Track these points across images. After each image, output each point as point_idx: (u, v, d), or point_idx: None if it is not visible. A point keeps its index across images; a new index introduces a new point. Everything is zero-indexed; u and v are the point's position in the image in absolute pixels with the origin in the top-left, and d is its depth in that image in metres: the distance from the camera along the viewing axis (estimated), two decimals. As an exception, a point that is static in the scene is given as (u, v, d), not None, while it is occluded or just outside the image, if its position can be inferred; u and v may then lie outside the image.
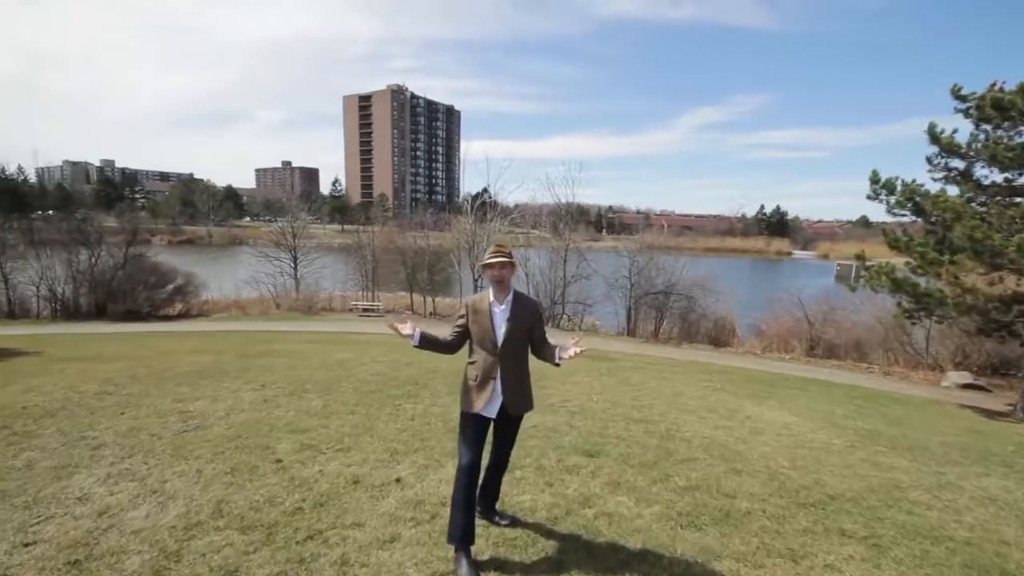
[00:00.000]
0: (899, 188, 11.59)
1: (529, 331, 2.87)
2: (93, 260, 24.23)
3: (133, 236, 27.09)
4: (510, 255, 2.91)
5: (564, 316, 23.30)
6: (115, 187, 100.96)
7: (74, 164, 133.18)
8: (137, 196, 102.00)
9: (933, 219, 11.51)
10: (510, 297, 2.89)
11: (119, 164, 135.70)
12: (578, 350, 2.71)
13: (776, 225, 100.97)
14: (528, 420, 5.60)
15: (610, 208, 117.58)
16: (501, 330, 2.80)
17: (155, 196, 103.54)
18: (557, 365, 2.82)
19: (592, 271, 23.26)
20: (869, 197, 12.10)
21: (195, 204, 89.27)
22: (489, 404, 2.80)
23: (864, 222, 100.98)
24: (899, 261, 12.48)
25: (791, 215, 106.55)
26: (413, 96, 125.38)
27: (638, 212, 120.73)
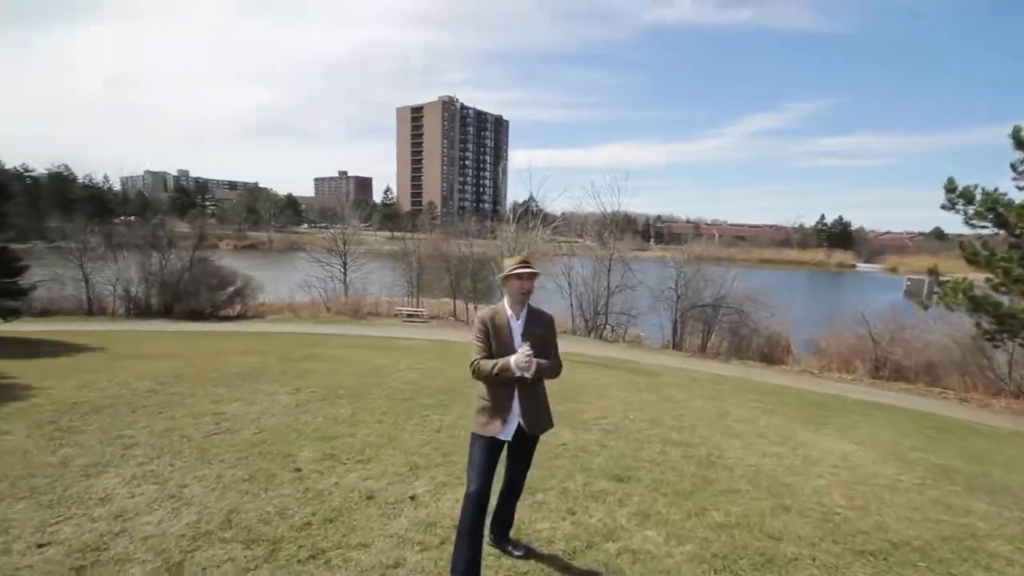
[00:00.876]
0: (979, 197, 10.56)
1: (546, 346, 2.67)
2: (164, 262, 25.92)
3: (200, 240, 28.81)
4: (533, 267, 2.75)
5: (607, 327, 22.74)
6: (188, 195, 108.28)
7: (154, 174, 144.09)
8: (207, 203, 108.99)
9: (1018, 231, 10.40)
10: (525, 311, 2.70)
11: (193, 174, 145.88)
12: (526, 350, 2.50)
13: (838, 236, 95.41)
14: (557, 437, 5.38)
15: (659, 217, 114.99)
16: (519, 344, 2.62)
17: (223, 204, 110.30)
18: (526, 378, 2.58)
19: (637, 281, 22.61)
20: (944, 207, 11.10)
21: (258, 211, 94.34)
22: (507, 426, 2.62)
23: (938, 234, 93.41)
24: (978, 277, 11.34)
25: (855, 225, 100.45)
26: (463, 107, 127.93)
27: (688, 221, 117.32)
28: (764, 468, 5.06)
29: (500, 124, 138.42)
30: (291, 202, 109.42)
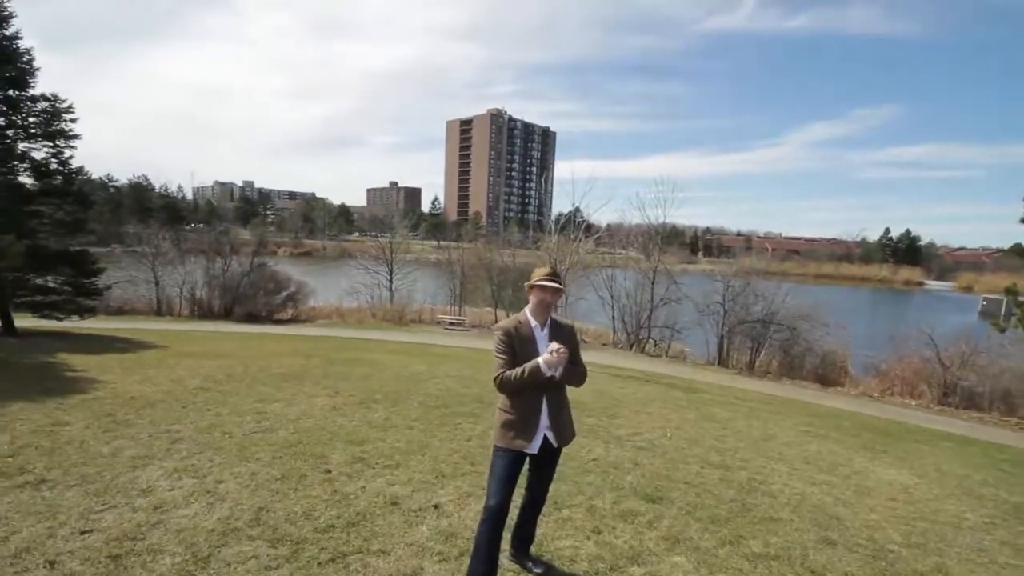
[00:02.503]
0: (1068, 210, 9.63)
1: (571, 356, 2.62)
2: (226, 267, 27.52)
3: (259, 247, 30.40)
4: (560, 280, 2.71)
5: (650, 340, 22.20)
6: (252, 204, 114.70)
7: (222, 184, 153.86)
8: (268, 212, 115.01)
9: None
10: (549, 322, 2.66)
11: (257, 184, 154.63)
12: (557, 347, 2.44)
13: (905, 251, 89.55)
14: (589, 452, 5.25)
15: (708, 230, 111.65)
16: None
17: (283, 213, 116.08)
18: (554, 377, 2.53)
19: (682, 295, 21.99)
20: (1023, 221, 10.20)
21: (314, 220, 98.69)
22: (535, 439, 2.57)
23: (1019, 250, 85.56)
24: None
25: (924, 240, 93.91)
26: (511, 119, 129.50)
27: (739, 234, 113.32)
28: (810, 497, 4.74)
29: (547, 135, 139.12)
30: (344, 211, 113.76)
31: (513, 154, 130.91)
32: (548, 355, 2.44)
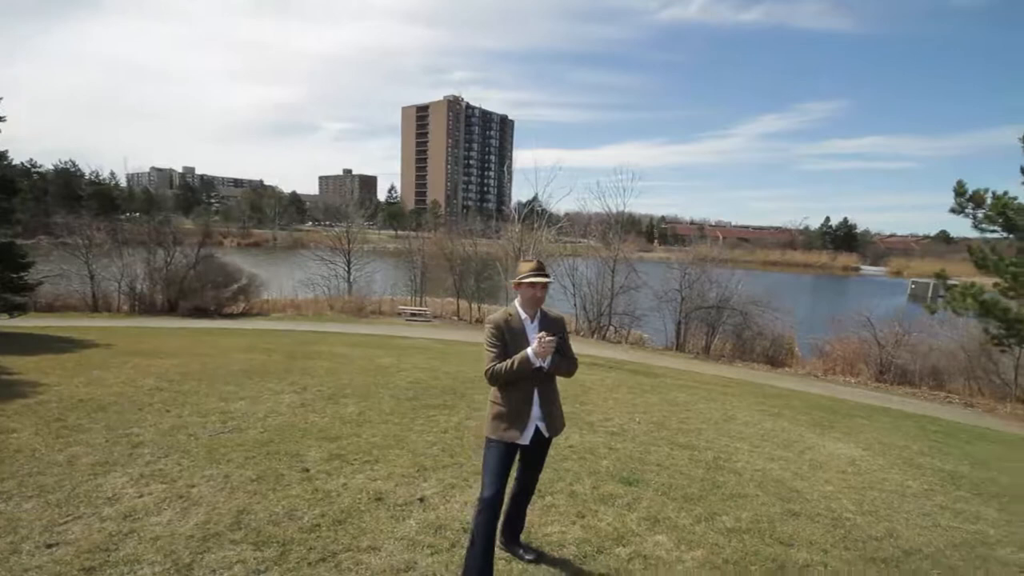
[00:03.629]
0: (989, 201, 10.47)
1: (560, 348, 2.66)
2: (168, 259, 25.99)
3: (205, 237, 28.88)
4: (547, 275, 2.72)
5: (611, 328, 22.71)
6: (194, 192, 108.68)
7: (160, 171, 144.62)
8: (212, 201, 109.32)
9: (1030, 236, 10.33)
10: (539, 314, 2.68)
11: (199, 171, 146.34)
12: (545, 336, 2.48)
13: (843, 239, 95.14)
14: (567, 439, 5.35)
15: (663, 219, 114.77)
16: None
17: (228, 201, 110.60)
18: (543, 368, 2.57)
19: (641, 283, 22.58)
20: (953, 210, 11.02)
21: (263, 209, 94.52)
22: (526, 430, 2.60)
23: (944, 238, 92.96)
24: (987, 282, 11.27)
25: (860, 228, 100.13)
26: (468, 107, 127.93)
27: (692, 223, 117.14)
28: (772, 472, 5.03)
29: (505, 124, 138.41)
30: (295, 200, 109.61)
31: (471, 142, 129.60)
32: (536, 344, 2.47)
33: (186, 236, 29.15)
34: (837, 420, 9.06)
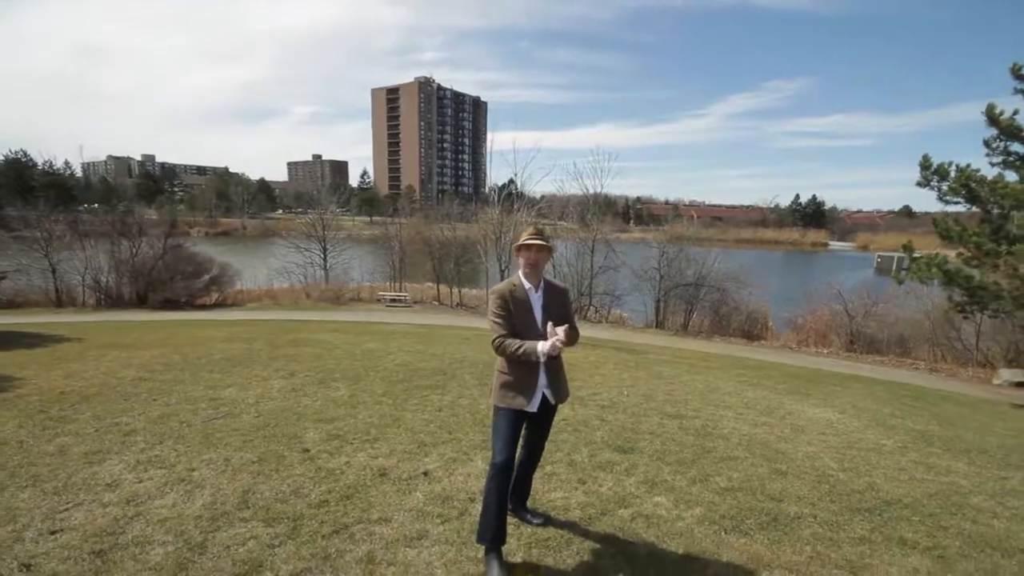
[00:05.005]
0: (953, 174, 10.88)
1: (564, 317, 2.70)
2: (134, 251, 25.10)
3: (171, 227, 27.95)
4: (548, 240, 2.73)
5: (591, 308, 22.98)
6: (155, 181, 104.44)
7: (117, 159, 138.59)
8: (176, 189, 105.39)
9: (990, 207, 10.79)
10: (542, 283, 2.72)
11: (159, 159, 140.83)
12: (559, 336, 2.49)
13: (812, 215, 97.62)
14: (559, 413, 5.44)
15: (638, 199, 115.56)
16: (541, 318, 2.63)
17: (192, 189, 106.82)
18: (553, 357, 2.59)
19: (620, 262, 22.84)
20: (919, 184, 11.41)
21: (230, 197, 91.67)
22: (533, 398, 2.65)
23: (907, 212, 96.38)
24: (950, 252, 11.76)
25: (828, 205, 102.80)
26: (440, 88, 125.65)
27: (667, 203, 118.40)
28: (757, 436, 5.23)
29: (478, 106, 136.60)
30: (264, 187, 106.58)
31: (444, 125, 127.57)
32: (548, 346, 2.47)
33: (151, 226, 28.12)
34: (813, 388, 9.43)
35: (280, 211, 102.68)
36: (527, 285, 2.68)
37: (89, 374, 6.43)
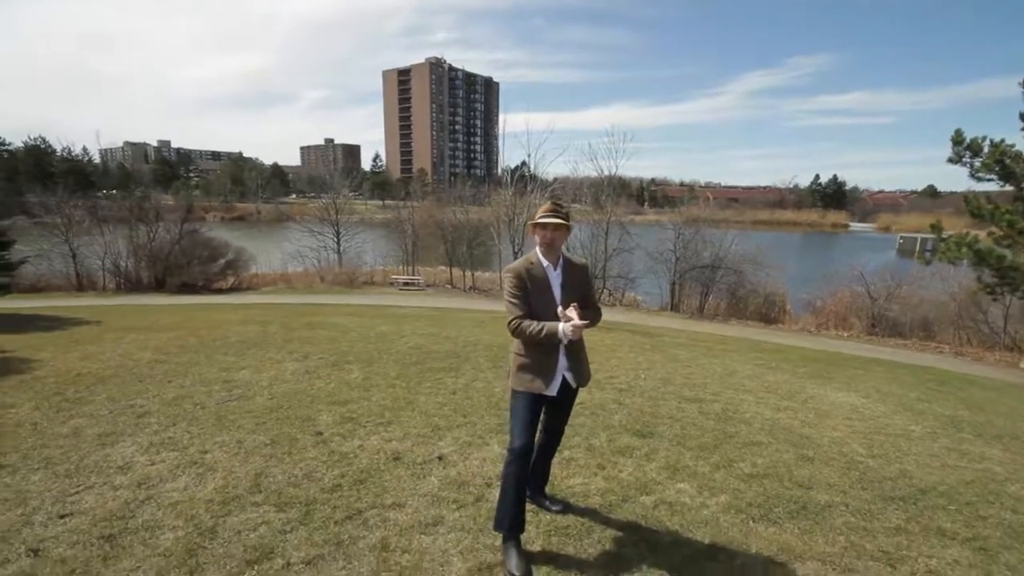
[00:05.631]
0: (986, 150, 10.40)
1: (585, 296, 2.55)
2: (152, 236, 25.41)
3: (187, 213, 28.18)
4: (567, 216, 2.54)
5: (605, 290, 22.75)
6: (171, 166, 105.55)
7: (134, 145, 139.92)
8: (191, 175, 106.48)
9: (1025, 184, 10.33)
10: (561, 261, 2.56)
11: (175, 144, 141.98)
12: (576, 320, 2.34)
13: (832, 196, 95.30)
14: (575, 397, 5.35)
15: (652, 181, 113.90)
16: (560, 297, 2.49)
17: (208, 175, 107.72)
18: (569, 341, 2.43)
19: (635, 244, 22.51)
20: (951, 160, 10.95)
21: (244, 182, 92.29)
22: (553, 381, 2.51)
23: (931, 192, 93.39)
24: (980, 232, 11.32)
25: (849, 185, 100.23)
26: (451, 69, 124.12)
27: (682, 184, 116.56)
28: (780, 421, 5.07)
29: (490, 87, 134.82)
30: (278, 172, 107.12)
31: (456, 107, 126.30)
32: (570, 329, 2.31)
33: (167, 211, 28.40)
34: (834, 371, 9.19)
35: (294, 196, 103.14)
36: (545, 262, 2.53)
37: (106, 356, 6.46)
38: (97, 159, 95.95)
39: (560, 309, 2.40)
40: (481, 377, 5.86)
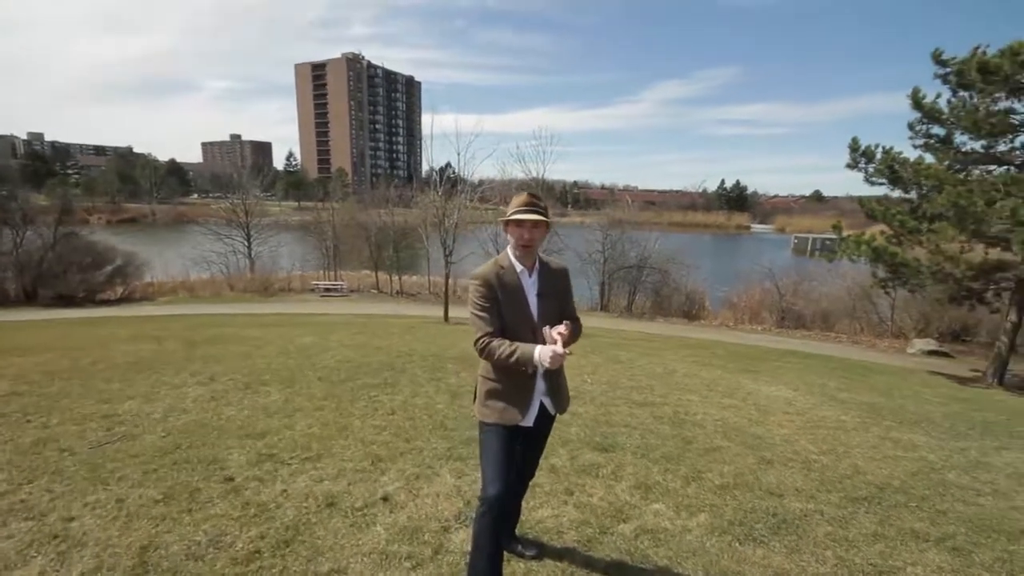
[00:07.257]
0: (879, 156, 11.40)
1: (564, 306, 2.17)
2: (18, 241, 21.99)
3: (64, 214, 24.67)
4: (545, 210, 2.12)
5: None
6: (45, 162, 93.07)
7: (1, 137, 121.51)
8: (70, 171, 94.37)
9: (910, 188, 11.43)
10: (537, 265, 2.15)
11: (48, 137, 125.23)
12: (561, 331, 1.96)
13: (736, 200, 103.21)
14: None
15: (575, 184, 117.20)
16: (537, 309, 2.08)
17: (90, 172, 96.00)
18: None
19: (564, 246, 22.71)
20: (849, 165, 11.91)
21: (136, 180, 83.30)
22: (530, 409, 2.09)
23: (818, 196, 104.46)
24: (875, 230, 12.42)
25: (750, 190, 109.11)
26: (370, 65, 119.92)
27: (603, 187, 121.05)
28: (729, 421, 5.03)
29: (412, 86, 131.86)
30: (175, 169, 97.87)
31: (376, 105, 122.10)
32: (550, 356, 1.88)
33: (40, 213, 24.72)
34: (759, 365, 9.60)
35: (195, 195, 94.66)
36: (519, 267, 2.10)
37: (-59, 391, 5.16)
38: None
39: (547, 329, 1.97)
40: (421, 392, 5.33)
